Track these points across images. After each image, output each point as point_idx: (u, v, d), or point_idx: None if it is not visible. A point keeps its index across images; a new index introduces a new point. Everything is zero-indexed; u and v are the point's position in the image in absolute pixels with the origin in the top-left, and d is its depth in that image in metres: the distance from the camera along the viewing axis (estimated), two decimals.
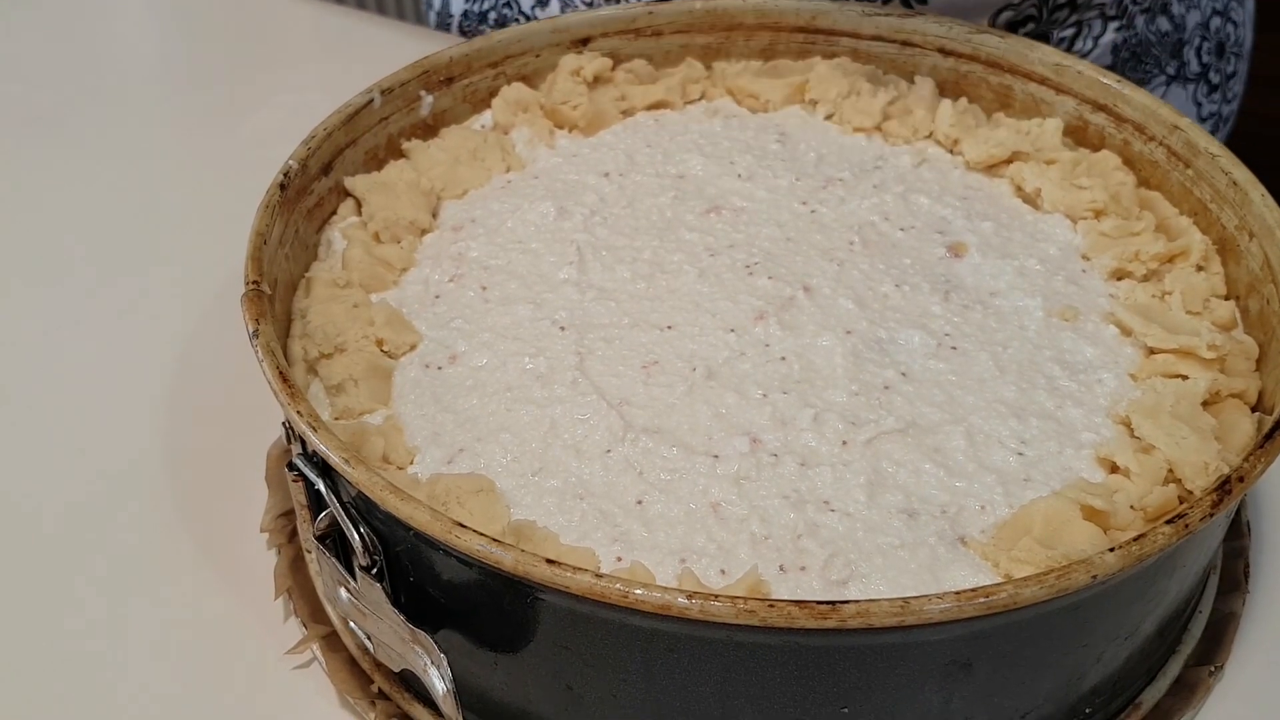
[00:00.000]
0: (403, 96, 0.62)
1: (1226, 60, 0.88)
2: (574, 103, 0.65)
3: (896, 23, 0.67)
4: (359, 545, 0.44)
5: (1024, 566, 0.43)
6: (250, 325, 0.47)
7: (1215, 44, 0.86)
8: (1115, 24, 0.77)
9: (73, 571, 0.55)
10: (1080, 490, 0.46)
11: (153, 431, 0.62)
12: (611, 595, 0.38)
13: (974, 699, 0.42)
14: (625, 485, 0.47)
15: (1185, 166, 0.58)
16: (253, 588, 0.54)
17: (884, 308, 0.54)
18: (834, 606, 0.38)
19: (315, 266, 0.57)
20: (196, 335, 0.67)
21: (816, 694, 0.41)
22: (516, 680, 0.45)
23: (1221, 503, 0.42)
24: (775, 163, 0.63)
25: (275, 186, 0.54)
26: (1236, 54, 0.89)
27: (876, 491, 0.47)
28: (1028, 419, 0.49)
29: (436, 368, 0.52)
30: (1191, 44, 0.85)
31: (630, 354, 0.52)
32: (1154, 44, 0.80)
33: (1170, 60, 0.84)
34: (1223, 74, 0.88)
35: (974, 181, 0.63)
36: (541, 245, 0.58)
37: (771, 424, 0.49)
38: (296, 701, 0.51)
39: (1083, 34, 0.79)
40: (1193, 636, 0.51)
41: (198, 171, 0.80)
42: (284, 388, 0.45)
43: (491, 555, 0.40)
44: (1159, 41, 0.83)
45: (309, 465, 0.45)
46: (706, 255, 0.57)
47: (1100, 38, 0.79)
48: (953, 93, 0.67)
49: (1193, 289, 0.55)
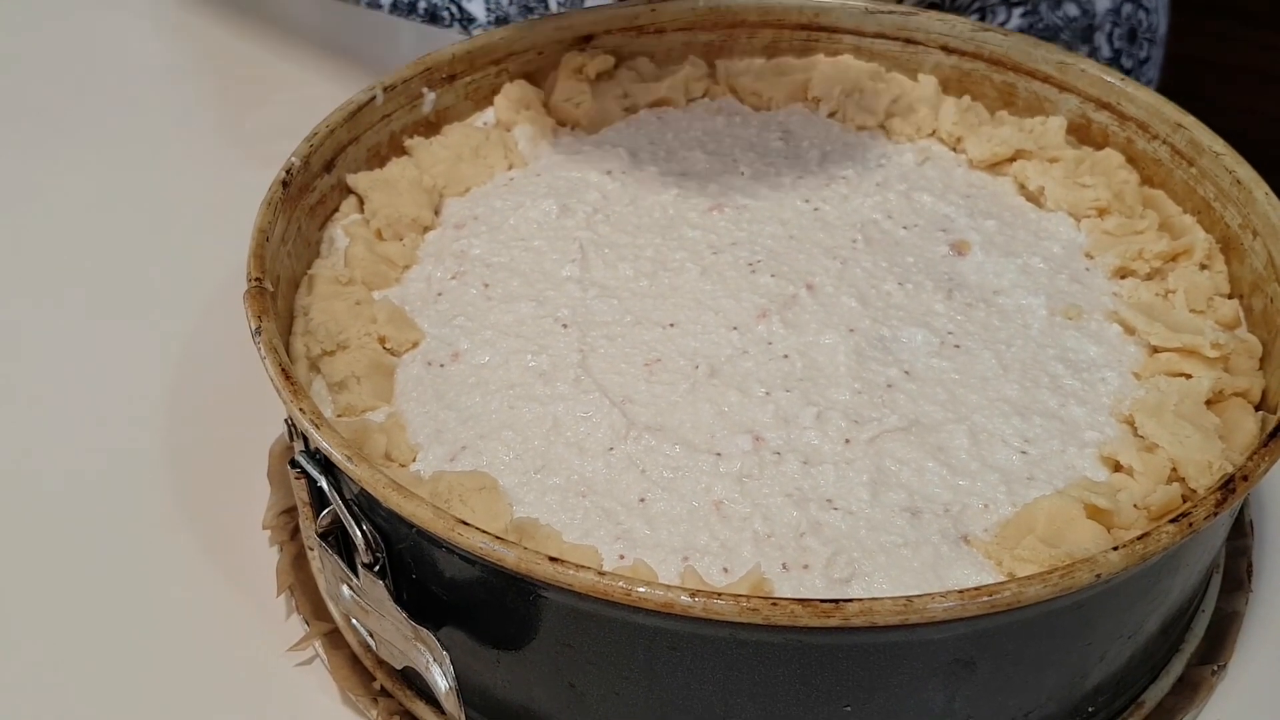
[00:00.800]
0: (405, 93, 0.62)
1: (1139, 45, 0.88)
2: (576, 100, 0.65)
3: (900, 20, 0.67)
4: (361, 542, 0.44)
5: (1027, 565, 0.43)
6: (253, 322, 0.47)
7: (1127, 29, 0.86)
8: (1020, 9, 0.78)
9: (75, 567, 0.55)
10: (1084, 489, 0.46)
11: (154, 429, 0.61)
12: (614, 593, 0.38)
13: (977, 697, 0.42)
14: (628, 483, 0.47)
15: (1189, 165, 0.58)
16: (255, 585, 0.54)
17: (887, 306, 0.54)
18: (837, 605, 0.38)
19: (317, 264, 0.57)
20: (198, 332, 0.67)
21: (819, 692, 0.41)
22: (519, 678, 0.44)
23: (1225, 501, 0.42)
24: (778, 160, 0.63)
25: (278, 183, 0.54)
26: (1149, 39, 0.89)
27: (879, 490, 0.47)
28: (1031, 417, 0.49)
29: (439, 365, 0.52)
30: (1102, 29, 0.85)
31: (633, 351, 0.52)
32: (1062, 29, 0.80)
33: (1081, 46, 0.84)
34: (1135, 59, 0.88)
35: (977, 180, 0.62)
36: (544, 243, 0.58)
37: (774, 422, 0.49)
38: (299, 698, 0.51)
39: (987, 19, 0.80)
40: (1196, 635, 0.51)
41: (198, 168, 0.80)
42: (287, 385, 0.45)
43: (494, 553, 0.39)
44: (1067, 26, 0.83)
45: (311, 462, 0.45)
46: (709, 253, 0.57)
47: (1005, 24, 0.80)
48: (956, 90, 0.66)
49: (1196, 287, 0.55)
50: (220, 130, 0.83)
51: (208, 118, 0.85)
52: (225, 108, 0.85)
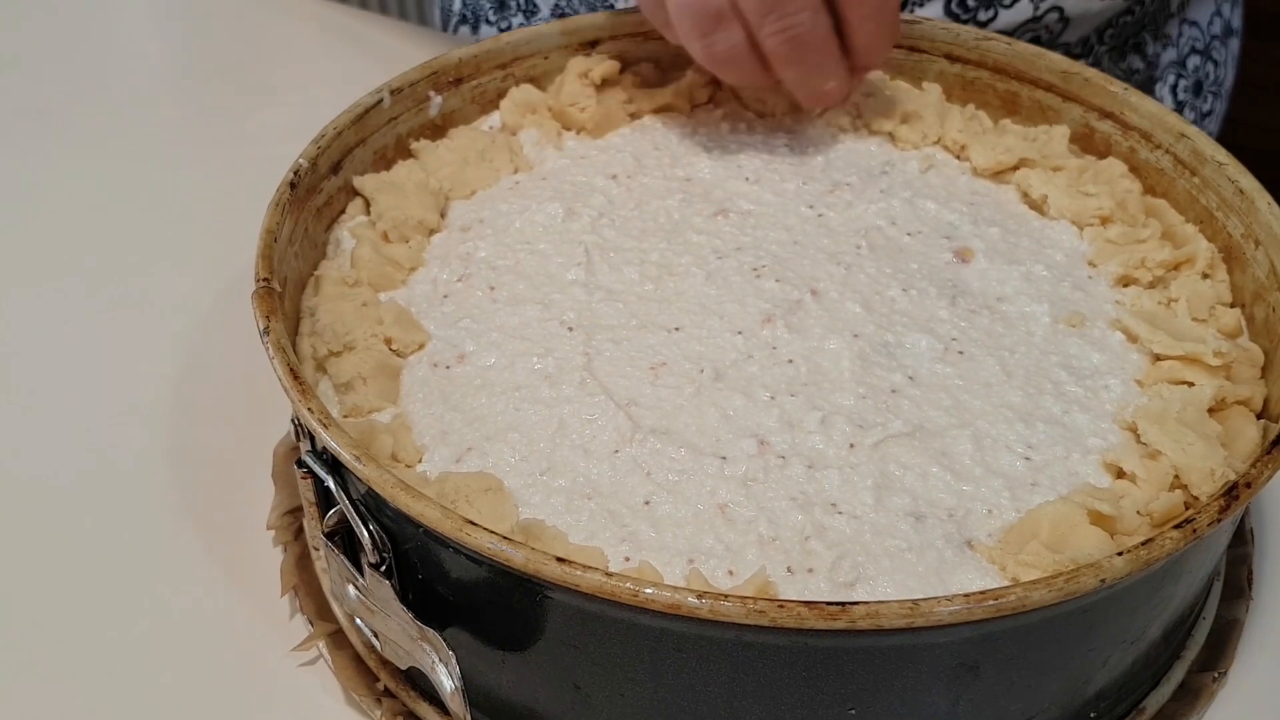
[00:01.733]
0: (412, 97, 0.63)
1: (1204, 99, 0.87)
2: (582, 105, 0.66)
3: (904, 28, 0.67)
4: (368, 542, 0.44)
5: (1031, 570, 0.43)
6: (261, 322, 0.47)
7: (1193, 82, 0.85)
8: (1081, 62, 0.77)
9: (78, 567, 0.55)
10: (1087, 495, 0.46)
11: (159, 429, 0.62)
12: (621, 594, 0.38)
13: (980, 702, 0.43)
14: (633, 485, 0.47)
15: (1192, 174, 0.58)
16: (259, 585, 0.54)
17: (891, 312, 0.54)
18: (844, 607, 0.38)
19: (324, 265, 0.57)
20: (201, 334, 0.67)
21: (824, 695, 0.41)
22: (524, 679, 0.45)
23: (1229, 508, 0.42)
24: (783, 166, 0.63)
25: (285, 185, 0.54)
26: (1215, 93, 0.88)
27: (884, 494, 0.47)
28: (1034, 424, 0.50)
29: (445, 367, 0.53)
30: (1165, 81, 0.84)
31: (638, 355, 0.52)
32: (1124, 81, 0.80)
33: None
34: (1198, 112, 0.87)
35: (981, 187, 0.63)
36: (549, 246, 0.58)
37: (779, 426, 0.49)
38: (302, 699, 0.51)
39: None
40: (1196, 642, 0.52)
41: (204, 169, 0.80)
42: (295, 384, 0.45)
43: (502, 553, 0.40)
44: (1128, 78, 0.82)
45: (318, 462, 0.45)
46: (714, 258, 0.57)
47: None
48: (960, 98, 0.67)
49: (1199, 296, 0.55)
50: (224, 131, 0.83)
51: (213, 119, 0.85)
52: (231, 109, 0.85)
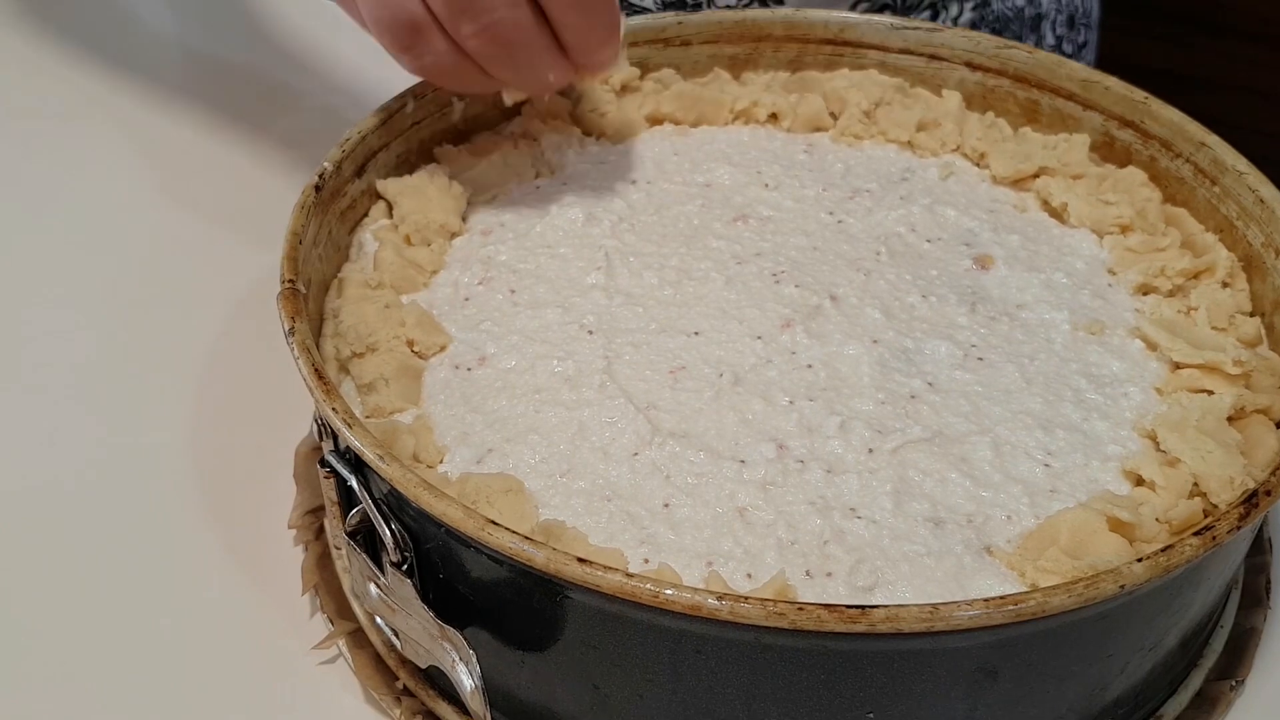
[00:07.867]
0: (435, 101, 0.63)
1: (1077, 31, 0.92)
2: (602, 110, 0.66)
3: (924, 36, 0.67)
4: (390, 541, 0.44)
5: (1050, 576, 0.43)
6: (286, 323, 0.48)
7: (1066, 16, 0.90)
8: (970, 3, 0.81)
9: (102, 566, 0.56)
10: (1106, 502, 0.46)
11: (181, 429, 0.62)
12: (642, 595, 0.39)
13: (999, 707, 0.43)
14: (652, 488, 0.47)
15: (1212, 183, 0.59)
16: (279, 584, 0.54)
17: (910, 318, 0.55)
18: (863, 611, 0.38)
19: (347, 267, 0.57)
20: (224, 335, 0.67)
21: (842, 698, 0.41)
22: (543, 679, 0.45)
23: (1248, 516, 0.42)
24: (802, 173, 0.64)
25: (310, 187, 0.55)
26: (1085, 24, 0.93)
27: (903, 500, 0.47)
28: (1054, 431, 0.50)
29: (466, 369, 0.53)
30: (1049, 18, 0.89)
31: (657, 359, 0.53)
32: (1012, 20, 0.85)
33: (1030, 36, 0.87)
34: (1075, 44, 0.92)
35: (1001, 195, 0.63)
36: (570, 250, 0.58)
37: (798, 431, 0.49)
38: (322, 697, 0.51)
39: (940, 16, 0.82)
40: (1214, 650, 0.52)
41: (231, 172, 0.81)
42: (319, 384, 0.45)
43: (523, 553, 0.40)
44: (1016, 17, 0.86)
45: (341, 461, 0.46)
46: (734, 263, 0.57)
47: (958, 19, 0.83)
48: (980, 106, 0.67)
49: (1218, 305, 0.55)
50: (251, 135, 0.84)
51: (239, 123, 0.86)
52: (257, 113, 0.86)
